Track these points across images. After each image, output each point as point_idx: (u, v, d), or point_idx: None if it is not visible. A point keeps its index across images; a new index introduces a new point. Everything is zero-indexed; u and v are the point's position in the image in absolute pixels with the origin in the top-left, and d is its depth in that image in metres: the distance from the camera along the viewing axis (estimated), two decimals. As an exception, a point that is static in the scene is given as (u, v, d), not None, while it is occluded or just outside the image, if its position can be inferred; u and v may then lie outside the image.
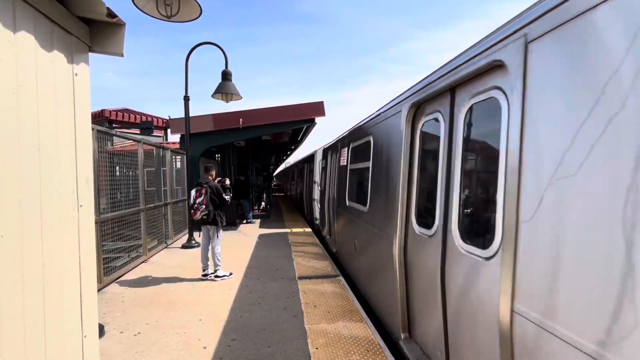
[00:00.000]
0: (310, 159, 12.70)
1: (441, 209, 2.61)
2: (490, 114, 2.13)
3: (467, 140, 2.42)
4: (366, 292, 4.66)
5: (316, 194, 10.24)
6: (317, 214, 10.12)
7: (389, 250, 3.43)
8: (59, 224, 1.76)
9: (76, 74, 1.90)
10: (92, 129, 4.99)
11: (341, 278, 5.62)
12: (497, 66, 2.04)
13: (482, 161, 2.34)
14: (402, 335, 3.24)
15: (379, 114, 4.26)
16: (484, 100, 2.21)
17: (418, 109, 3.17)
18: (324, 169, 9.15)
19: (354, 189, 5.61)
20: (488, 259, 2.01)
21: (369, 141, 4.64)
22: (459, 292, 2.33)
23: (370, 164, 4.48)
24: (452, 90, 2.60)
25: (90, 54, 2.07)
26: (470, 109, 2.37)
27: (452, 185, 2.50)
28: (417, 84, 3.20)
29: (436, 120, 2.81)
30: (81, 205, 1.95)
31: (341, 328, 3.79)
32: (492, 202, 2.05)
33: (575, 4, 1.47)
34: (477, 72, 2.18)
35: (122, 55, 2.07)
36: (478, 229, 2.30)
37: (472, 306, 2.17)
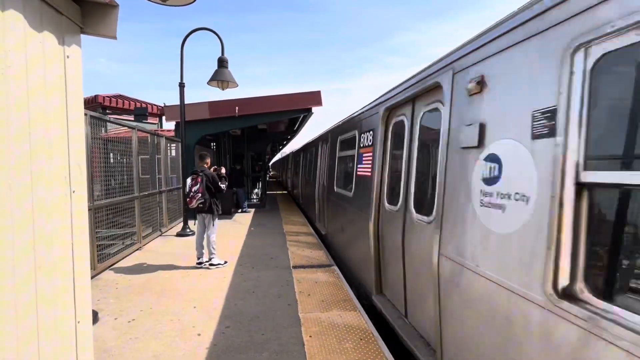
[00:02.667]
0: (304, 149, 12.72)
1: (404, 191, 3.42)
2: (435, 119, 2.92)
3: (421, 138, 3.23)
4: (349, 263, 5.42)
5: (309, 182, 10.35)
6: (308, 200, 10.34)
7: (367, 226, 4.19)
8: (50, 210, 1.73)
9: (68, 56, 1.85)
10: (85, 114, 4.91)
11: (335, 267, 5.65)
12: (438, 86, 2.79)
13: (429, 154, 3.10)
14: (375, 291, 4.08)
15: (362, 112, 4.98)
16: (431, 109, 3.03)
17: (390, 111, 3.94)
18: (316, 158, 9.27)
19: (341, 177, 6.13)
20: (429, 222, 2.89)
21: (354, 135, 5.21)
22: (412, 248, 3.22)
23: (355, 155, 5.08)
24: (413, 100, 3.39)
25: (82, 36, 2.01)
26: (424, 115, 3.20)
27: (411, 172, 3.30)
28: (391, 90, 3.94)
29: (402, 122, 3.61)
30: (74, 191, 1.92)
31: (335, 316, 3.82)
32: (433, 184, 2.82)
33: (467, 61, 2.36)
34: (426, 89, 3.02)
35: (114, 37, 2.01)
36: (425, 204, 3.06)
37: (419, 255, 3.04)
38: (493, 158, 2.01)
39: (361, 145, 4.86)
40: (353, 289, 4.78)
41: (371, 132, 4.41)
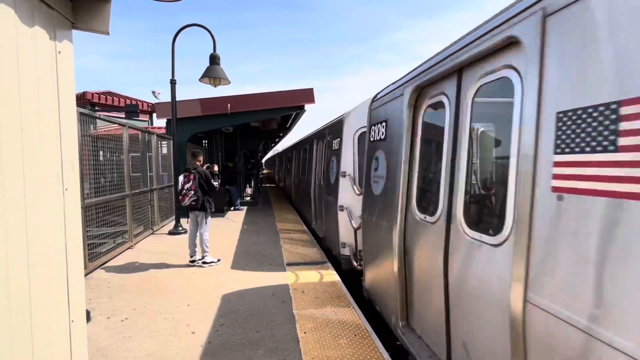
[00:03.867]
0: (297, 146, 12.62)
1: (445, 196, 2.52)
2: (501, 95, 2.03)
3: (473, 123, 2.31)
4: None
5: (303, 181, 10.26)
6: (304, 201, 10.18)
7: (387, 237, 3.33)
8: (43, 208, 1.71)
9: (59, 52, 1.82)
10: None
11: (329, 264, 5.68)
12: (511, 43, 1.89)
13: (491, 147, 2.30)
14: (401, 323, 3.16)
15: (377, 99, 4.02)
16: (494, 80, 2.08)
17: (420, 92, 3.01)
18: (310, 157, 9.14)
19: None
20: (497, 245, 1.93)
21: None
22: (462, 277, 2.26)
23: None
24: (459, 71, 2.44)
25: (74, 32, 1.98)
26: (478, 90, 2.24)
27: (459, 172, 2.39)
28: (419, 66, 3.04)
29: (441, 103, 2.67)
30: (66, 189, 1.89)
31: (329, 313, 3.85)
32: (503, 190, 1.97)
33: None
34: (488, 50, 2.04)
35: (107, 33, 1.98)
36: (486, 216, 2.26)
37: (479, 291, 2.09)
38: None
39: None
40: (347, 285, 4.80)
41: (390, 122, 3.53)
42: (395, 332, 3.19)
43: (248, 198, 15.19)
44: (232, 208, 12.12)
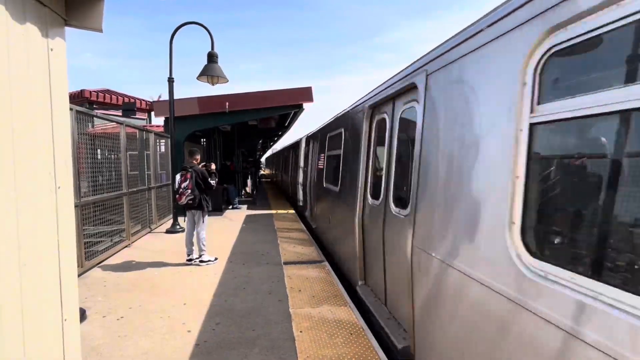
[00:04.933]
0: (294, 146, 12.75)
1: (385, 186, 3.62)
2: (413, 117, 3.07)
3: (399, 135, 3.44)
4: (336, 253, 5.71)
5: (299, 178, 10.47)
6: (300, 196, 10.51)
7: (352, 218, 4.40)
8: (35, 206, 1.70)
9: (52, 49, 1.81)
10: (71, 109, 4.81)
11: (326, 263, 5.68)
12: (414, 87, 2.96)
13: (406, 151, 3.27)
14: (360, 282, 4.31)
15: (349, 111, 5.17)
16: (409, 108, 3.23)
17: (374, 109, 4.11)
18: (306, 155, 9.47)
19: (329, 173, 6.36)
20: (406, 216, 3.06)
21: (341, 132, 5.45)
22: (391, 239, 3.43)
23: (341, 152, 5.31)
24: (393, 99, 3.58)
25: (67, 29, 1.97)
26: (402, 112, 3.40)
27: (391, 168, 3.50)
28: (375, 89, 4.12)
29: (384, 119, 3.79)
30: (59, 187, 1.88)
31: (325, 312, 3.84)
32: (409, 180, 2.95)
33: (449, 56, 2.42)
34: (404, 89, 3.23)
35: (100, 30, 1.97)
36: (402, 199, 3.26)
37: (396, 246, 3.26)
38: None
39: (347, 142, 5.08)
40: (344, 284, 4.80)
41: (356, 130, 4.58)
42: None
43: (248, 191, 15.16)
44: (230, 207, 12.10)
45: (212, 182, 5.65)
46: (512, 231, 1.73)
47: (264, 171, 44.09)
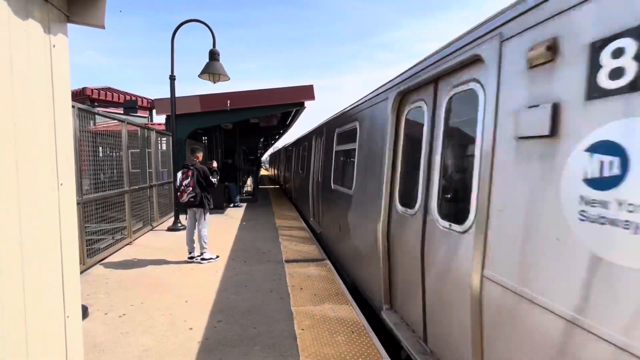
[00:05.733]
0: (296, 143, 12.65)
1: (424, 192, 2.84)
2: (470, 102, 2.33)
3: (447, 126, 2.64)
4: (348, 267, 4.92)
5: (302, 178, 10.28)
6: (303, 197, 10.24)
7: (373, 229, 3.63)
8: (38, 203, 1.70)
9: (54, 46, 1.80)
10: (73, 106, 4.81)
11: (328, 261, 5.67)
12: (475, 60, 2.24)
13: (459, 147, 2.60)
14: (385, 307, 3.53)
15: (366, 101, 4.33)
16: (462, 91, 2.44)
17: (405, 96, 3.32)
18: (309, 154, 9.17)
19: (340, 173, 5.71)
20: (464, 232, 2.28)
21: (355, 127, 4.74)
22: (435, 261, 2.60)
23: (356, 148, 4.58)
24: (435, 81, 2.79)
25: (69, 26, 1.96)
26: (451, 98, 2.59)
27: (434, 170, 2.73)
28: (402, 73, 3.32)
29: (420, 108, 3.03)
30: (61, 184, 1.88)
31: (327, 310, 3.84)
32: (468, 185, 2.28)
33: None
34: (456, 65, 2.42)
35: (103, 27, 1.96)
36: (455, 209, 2.52)
37: (446, 272, 2.45)
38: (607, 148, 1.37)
39: (364, 138, 4.34)
40: (345, 283, 4.80)
41: (377, 123, 3.87)
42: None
43: (249, 190, 15.16)
44: (232, 205, 12.11)
45: (214, 180, 5.65)
46: None
47: (267, 171, 42.70)
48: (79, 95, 12.97)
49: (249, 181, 18.91)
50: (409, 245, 3.03)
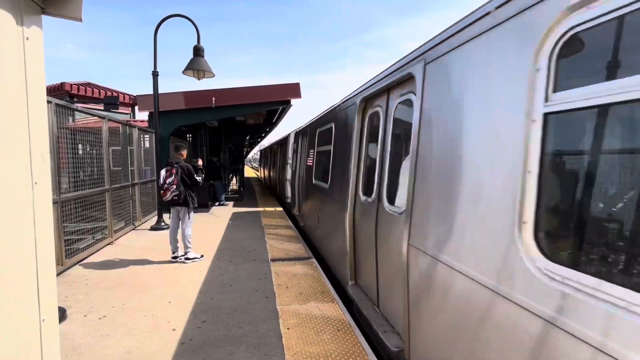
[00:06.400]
0: (282, 142, 12.65)
1: (378, 182, 3.43)
2: (408, 110, 2.93)
3: (394, 129, 3.25)
4: (325, 251, 5.54)
5: (288, 175, 10.34)
6: (288, 193, 10.38)
7: (342, 216, 4.24)
8: (9, 202, 1.62)
9: (27, 38, 1.72)
10: (50, 102, 4.65)
11: (314, 260, 5.67)
12: (411, 77, 2.80)
13: (401, 146, 3.10)
14: (350, 282, 4.14)
15: (340, 105, 4.92)
16: (404, 100, 3.03)
17: (367, 103, 3.90)
18: (294, 151, 9.36)
19: (319, 169, 6.14)
20: (400, 213, 2.92)
21: (331, 127, 5.24)
22: (384, 238, 3.27)
23: (332, 147, 5.10)
24: (387, 91, 3.39)
25: (44, 18, 1.88)
26: (397, 105, 3.20)
27: (385, 164, 3.31)
28: (367, 82, 3.88)
29: (377, 112, 3.61)
30: (36, 183, 1.81)
31: (313, 308, 3.84)
32: (403, 175, 2.89)
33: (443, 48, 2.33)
34: (399, 80, 3.04)
35: (80, 19, 1.89)
36: (396, 195, 3.12)
37: (390, 245, 3.11)
38: None
39: (338, 138, 4.84)
40: (331, 281, 4.81)
41: (347, 124, 4.36)
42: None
43: (235, 188, 15.01)
44: (217, 203, 11.97)
45: (199, 178, 5.55)
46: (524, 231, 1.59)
47: (257, 172, 41.34)
48: (57, 91, 12.54)
49: (235, 179, 18.70)
50: (367, 227, 3.69)
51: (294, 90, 10.82)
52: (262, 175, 23.66)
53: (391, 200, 3.18)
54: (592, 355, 1.22)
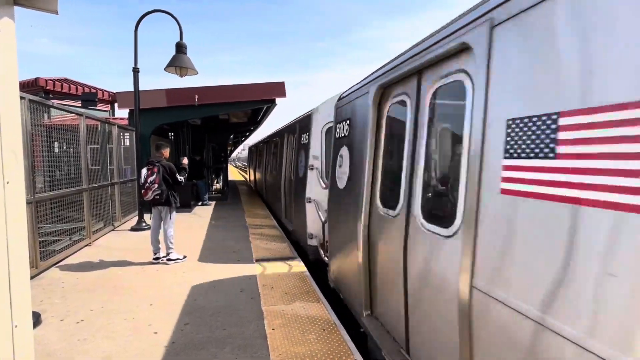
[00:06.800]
0: (267, 140, 12.49)
1: (407, 192, 2.61)
2: (457, 95, 2.15)
3: (431, 121, 2.45)
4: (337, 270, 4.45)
5: (271, 175, 10.19)
6: (272, 195, 10.17)
7: (353, 230, 3.38)
8: (-21, 202, 1.54)
9: (-2, 30, 1.64)
10: (24, 97, 4.46)
11: (299, 260, 5.65)
12: (463, 49, 2.04)
13: (444, 143, 2.41)
14: (365, 312, 3.27)
15: (346, 95, 4.07)
16: (448, 83, 2.24)
17: (386, 90, 3.12)
18: (281, 151, 9.07)
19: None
20: (450, 236, 2.08)
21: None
22: (419, 267, 2.39)
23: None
24: (419, 73, 2.58)
25: (17, 9, 1.79)
26: (436, 90, 2.38)
27: (417, 168, 2.52)
28: (384, 65, 3.13)
29: (403, 102, 2.81)
30: (8, 182, 1.72)
31: (298, 308, 3.82)
32: (454, 185, 2.11)
33: None
34: (442, 55, 2.20)
35: (56, 12, 1.81)
36: (438, 209, 2.36)
37: (432, 279, 2.24)
38: None
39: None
40: (316, 280, 4.79)
41: (357, 118, 3.62)
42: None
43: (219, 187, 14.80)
44: (200, 203, 11.78)
45: (181, 177, 5.44)
46: None
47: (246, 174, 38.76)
48: (31, 86, 12.06)
49: (219, 179, 18.46)
50: (390, 247, 2.81)
51: (278, 89, 10.75)
52: (253, 179, 18.70)
53: (429, 216, 2.37)
54: None
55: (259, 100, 10.80)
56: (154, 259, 5.41)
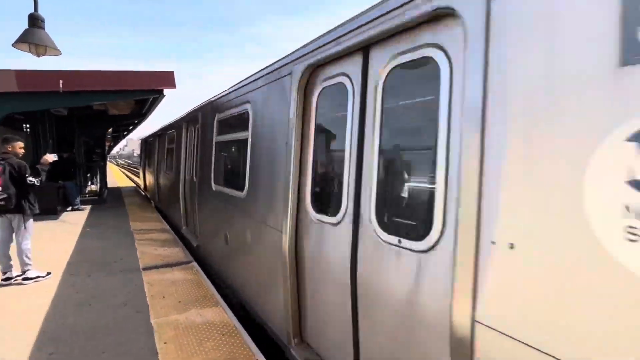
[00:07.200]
0: (160, 134, 11.24)
1: (353, 195, 2.18)
2: (423, 74, 1.78)
3: (387, 106, 1.99)
4: (242, 290, 3.92)
5: (167, 177, 9.12)
6: (167, 200, 8.98)
7: (277, 241, 2.87)
8: None
9: None
10: None
11: (194, 264, 5.27)
12: (440, 17, 1.61)
13: (404, 133, 2.08)
14: (294, 340, 2.76)
15: (261, 77, 3.43)
16: (410, 61, 1.82)
17: (316, 70, 2.59)
18: (178, 147, 8.03)
19: (222, 172, 4.80)
20: (425, 251, 1.69)
21: (247, 112, 3.72)
22: (376, 291, 1.98)
23: (248, 142, 3.63)
24: (365, 48, 2.12)
25: None
26: (391, 69, 1.94)
27: (371, 165, 2.07)
28: (312, 41, 2.58)
29: (341, 84, 2.33)
30: None
31: (194, 316, 3.55)
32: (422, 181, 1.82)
33: None
34: (402, 26, 1.76)
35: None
36: (401, 215, 1.99)
37: (398, 309, 1.84)
38: None
39: (258, 127, 3.45)
40: (214, 284, 4.54)
41: (276, 106, 3.04)
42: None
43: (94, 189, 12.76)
44: (70, 208, 9.99)
45: (32, 179, 4.32)
46: None
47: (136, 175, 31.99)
48: None
49: (95, 179, 15.97)
50: (328, 262, 2.38)
51: (167, 79, 9.78)
52: (148, 184, 14.40)
53: (390, 225, 1.95)
54: None
55: (144, 90, 9.64)
56: (4, 279, 4.36)
